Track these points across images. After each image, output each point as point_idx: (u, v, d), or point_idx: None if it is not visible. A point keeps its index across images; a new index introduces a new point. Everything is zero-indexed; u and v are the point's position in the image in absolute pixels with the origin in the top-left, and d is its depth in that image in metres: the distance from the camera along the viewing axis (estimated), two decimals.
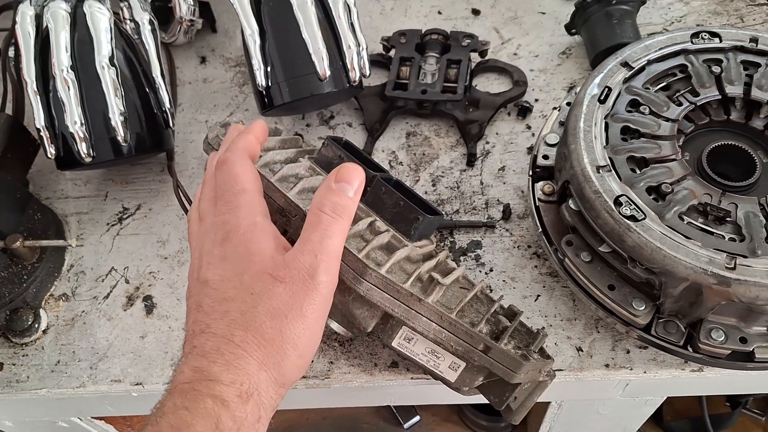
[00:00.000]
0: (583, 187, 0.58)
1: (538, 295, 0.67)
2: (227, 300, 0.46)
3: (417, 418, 1.38)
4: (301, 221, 0.57)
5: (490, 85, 0.82)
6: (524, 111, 0.78)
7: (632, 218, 0.55)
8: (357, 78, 0.72)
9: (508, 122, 0.79)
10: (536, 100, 0.80)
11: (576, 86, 0.80)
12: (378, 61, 0.84)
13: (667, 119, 0.62)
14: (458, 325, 0.54)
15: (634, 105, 0.64)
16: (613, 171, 0.59)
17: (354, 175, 0.52)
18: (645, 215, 0.55)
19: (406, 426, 1.36)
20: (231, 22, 0.92)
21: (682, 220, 0.56)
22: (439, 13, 0.90)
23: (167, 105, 0.74)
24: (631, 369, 0.62)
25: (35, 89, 0.68)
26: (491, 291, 0.67)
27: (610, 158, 0.60)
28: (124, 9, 0.75)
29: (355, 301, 0.57)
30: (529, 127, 0.78)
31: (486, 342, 0.54)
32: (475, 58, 0.82)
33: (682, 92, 0.64)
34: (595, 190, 0.57)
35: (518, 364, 0.54)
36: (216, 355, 0.44)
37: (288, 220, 0.58)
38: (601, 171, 0.59)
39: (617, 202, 0.56)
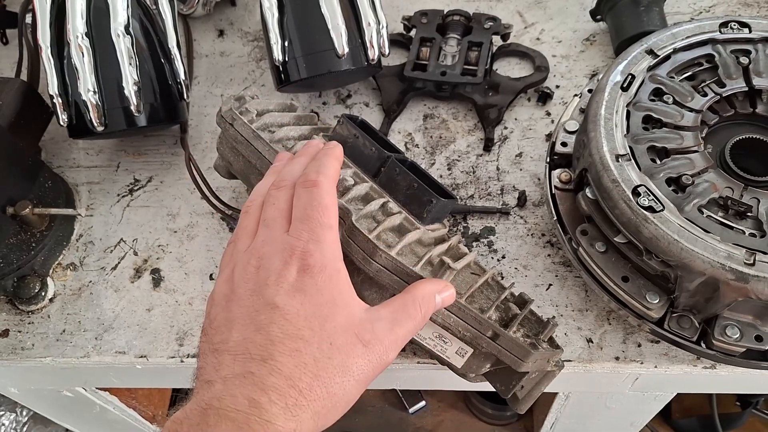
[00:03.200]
0: (601, 175, 0.57)
1: (550, 284, 0.66)
2: (302, 339, 0.44)
3: (423, 403, 1.37)
4: None
5: (511, 69, 0.81)
6: (544, 97, 0.77)
7: (650, 209, 0.54)
8: (376, 56, 0.71)
9: (528, 108, 0.77)
10: (557, 87, 0.78)
11: (598, 73, 0.78)
12: (398, 41, 0.82)
13: (691, 110, 0.61)
14: (467, 310, 0.53)
15: (657, 94, 0.62)
16: (632, 160, 0.57)
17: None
18: (663, 207, 0.54)
19: (411, 411, 1.36)
20: None
21: (702, 213, 0.54)
22: None
23: (182, 76, 0.73)
24: (642, 363, 0.61)
25: (49, 55, 0.67)
26: (502, 278, 0.66)
27: (630, 147, 0.58)
28: None
29: (364, 283, 0.56)
30: (548, 114, 0.76)
31: (495, 329, 0.53)
32: (497, 41, 0.81)
33: (707, 83, 0.62)
34: (614, 179, 0.56)
35: (526, 352, 0.53)
36: (277, 395, 0.41)
37: None
38: (620, 160, 0.57)
39: (635, 192, 0.55)
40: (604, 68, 0.79)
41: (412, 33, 0.82)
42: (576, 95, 0.69)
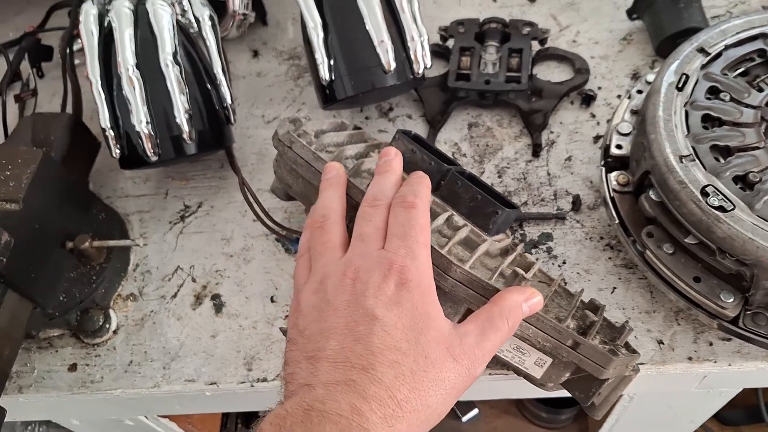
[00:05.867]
0: (667, 177, 0.57)
1: (614, 288, 0.66)
2: (400, 351, 0.45)
3: (476, 411, 1.36)
4: None
5: (550, 73, 0.81)
6: (588, 99, 0.77)
7: (721, 209, 0.54)
8: (422, 70, 0.71)
9: (572, 111, 0.77)
10: (599, 88, 0.78)
11: (639, 73, 0.78)
12: (435, 51, 0.82)
13: (749, 106, 0.61)
14: (545, 320, 0.53)
15: (713, 92, 0.62)
16: (696, 160, 0.57)
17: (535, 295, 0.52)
18: (734, 205, 0.54)
19: (464, 419, 1.35)
20: (281, 14, 0.91)
21: None
22: (494, 0, 0.88)
23: (229, 101, 0.73)
24: (715, 362, 0.61)
25: (100, 89, 0.67)
26: (566, 284, 0.66)
27: (693, 147, 0.58)
28: (180, 3, 0.74)
29: (439, 298, 0.56)
30: (593, 116, 0.77)
31: (574, 337, 0.53)
32: (534, 46, 0.81)
33: (762, 78, 0.62)
34: (680, 180, 0.56)
35: (608, 359, 0.53)
36: (378, 404, 0.43)
37: None
38: (684, 161, 0.57)
39: (704, 193, 0.55)
40: (644, 67, 0.79)
41: (448, 43, 0.82)
42: (626, 97, 0.69)
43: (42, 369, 0.68)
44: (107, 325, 0.68)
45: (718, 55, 0.63)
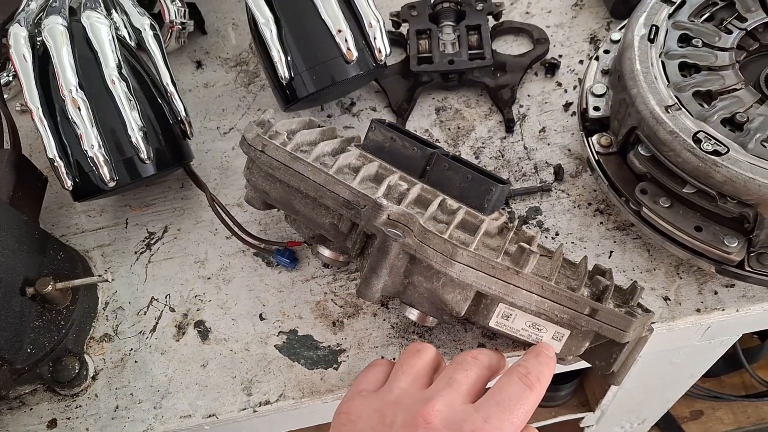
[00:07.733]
0: (656, 129, 0.56)
1: (611, 251, 0.64)
2: None
3: None
4: (371, 211, 0.53)
5: (509, 47, 0.79)
6: (552, 68, 0.75)
7: (716, 153, 0.53)
8: (384, 57, 0.68)
9: (537, 82, 0.76)
10: (560, 56, 0.77)
11: (597, 36, 0.78)
12: (390, 39, 0.79)
13: (722, 49, 0.60)
14: (561, 292, 0.51)
15: (684, 40, 0.61)
16: (682, 109, 0.56)
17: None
18: (728, 148, 0.53)
19: None
20: (220, 21, 0.87)
21: (766, 147, 0.54)
22: None
23: (183, 114, 0.68)
24: (723, 309, 0.60)
25: (41, 116, 0.61)
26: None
27: (676, 96, 0.57)
28: (117, 16, 0.69)
29: (446, 286, 0.53)
30: (559, 84, 0.75)
31: (592, 305, 0.51)
32: (490, 21, 0.79)
33: (729, 20, 0.62)
34: (671, 130, 0.55)
35: (628, 322, 0.51)
36: None
37: (357, 213, 0.54)
38: (670, 110, 0.56)
39: (696, 139, 0.54)
40: (600, 30, 0.79)
41: (402, 29, 0.80)
42: (593, 59, 0.68)
43: None
44: (84, 372, 0.62)
45: (683, 2, 0.63)
